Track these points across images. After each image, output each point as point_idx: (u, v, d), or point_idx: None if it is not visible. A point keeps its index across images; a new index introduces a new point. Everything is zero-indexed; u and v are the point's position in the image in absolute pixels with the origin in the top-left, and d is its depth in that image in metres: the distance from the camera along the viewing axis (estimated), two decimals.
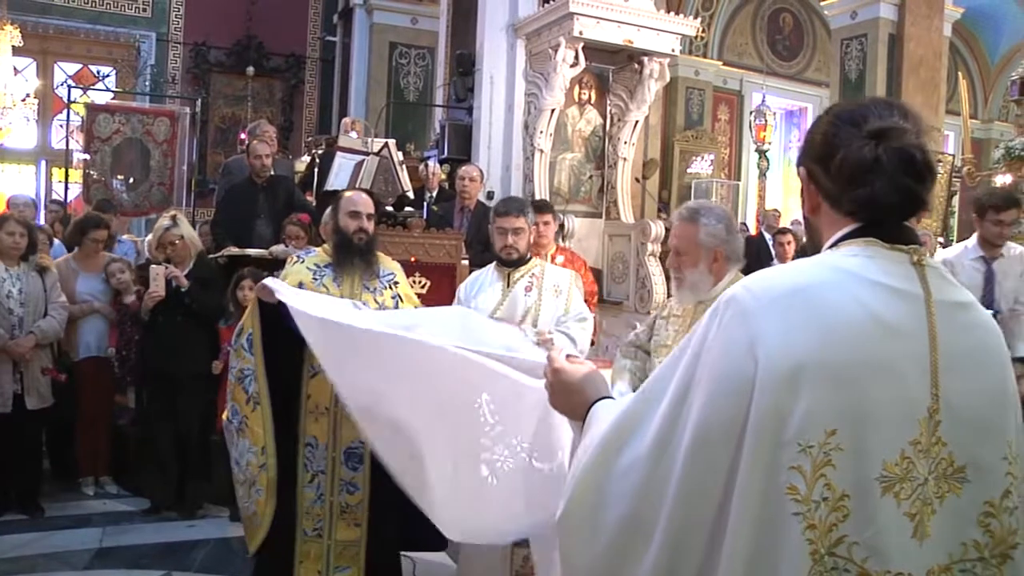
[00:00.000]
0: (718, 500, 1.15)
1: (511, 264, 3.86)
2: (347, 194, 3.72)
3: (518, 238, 3.82)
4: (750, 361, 1.14)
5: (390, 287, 3.63)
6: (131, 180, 8.74)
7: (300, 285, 3.40)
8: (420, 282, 5.70)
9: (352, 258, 3.53)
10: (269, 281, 3.20)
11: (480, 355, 2.38)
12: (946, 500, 1.15)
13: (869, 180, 1.20)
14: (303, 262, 3.58)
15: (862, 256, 1.21)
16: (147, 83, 13.81)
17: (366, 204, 3.61)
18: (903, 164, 1.20)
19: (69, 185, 9.51)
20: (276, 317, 3.12)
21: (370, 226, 3.58)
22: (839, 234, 1.27)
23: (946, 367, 1.17)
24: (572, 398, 1.55)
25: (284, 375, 3.40)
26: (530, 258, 3.95)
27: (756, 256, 9.00)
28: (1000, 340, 1.26)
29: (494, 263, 3.97)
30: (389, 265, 3.72)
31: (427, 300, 5.68)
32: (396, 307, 3.58)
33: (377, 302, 3.53)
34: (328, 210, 3.71)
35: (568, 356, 1.64)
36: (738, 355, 1.15)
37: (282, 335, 3.14)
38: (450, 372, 2.46)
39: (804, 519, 1.10)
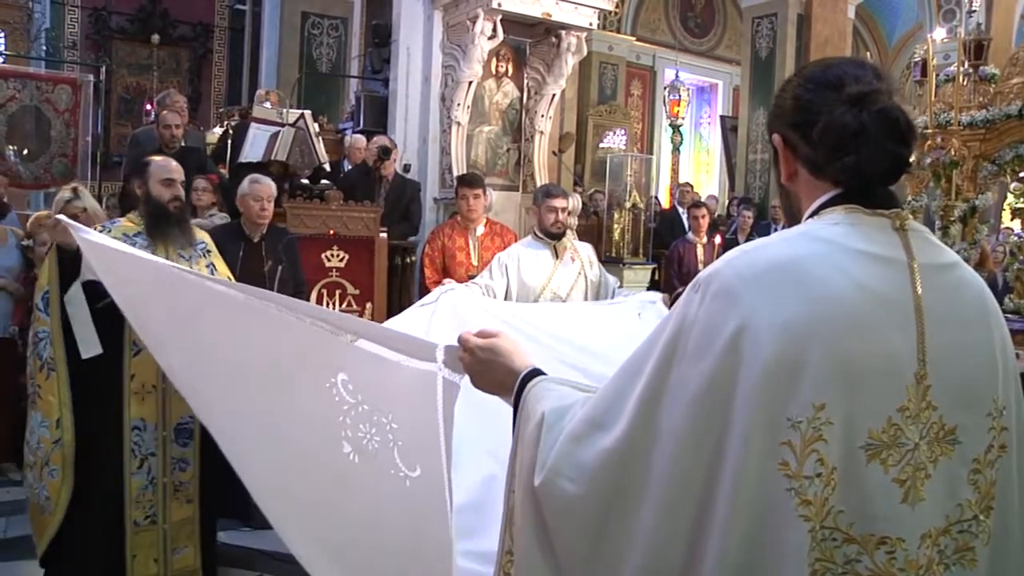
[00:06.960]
0: (703, 480, 1.13)
1: (557, 237, 4.40)
2: (157, 159, 3.56)
3: (564, 215, 4.42)
4: (736, 338, 1.13)
5: (203, 255, 3.57)
6: (27, 151, 8.35)
7: None
8: (338, 255, 5.64)
9: (170, 228, 3.43)
10: (70, 220, 2.91)
11: (346, 331, 1.92)
12: (939, 463, 1.16)
13: (855, 147, 1.20)
14: (109, 232, 3.39)
15: (844, 224, 1.21)
16: (43, 48, 13.15)
17: (179, 171, 3.51)
18: (888, 129, 1.19)
19: None
20: (93, 292, 2.96)
21: (183, 193, 3.49)
22: (820, 201, 1.26)
23: (932, 331, 1.17)
24: (494, 370, 1.51)
25: (103, 354, 3.17)
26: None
27: (670, 229, 9.22)
28: (985, 295, 1.27)
29: (529, 236, 4.53)
30: (199, 235, 3.64)
31: (345, 273, 5.65)
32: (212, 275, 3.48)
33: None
34: (136, 177, 3.51)
35: (480, 332, 1.56)
36: (723, 332, 1.14)
37: (99, 311, 3.02)
38: (293, 345, 2.04)
39: (796, 495, 1.10)
